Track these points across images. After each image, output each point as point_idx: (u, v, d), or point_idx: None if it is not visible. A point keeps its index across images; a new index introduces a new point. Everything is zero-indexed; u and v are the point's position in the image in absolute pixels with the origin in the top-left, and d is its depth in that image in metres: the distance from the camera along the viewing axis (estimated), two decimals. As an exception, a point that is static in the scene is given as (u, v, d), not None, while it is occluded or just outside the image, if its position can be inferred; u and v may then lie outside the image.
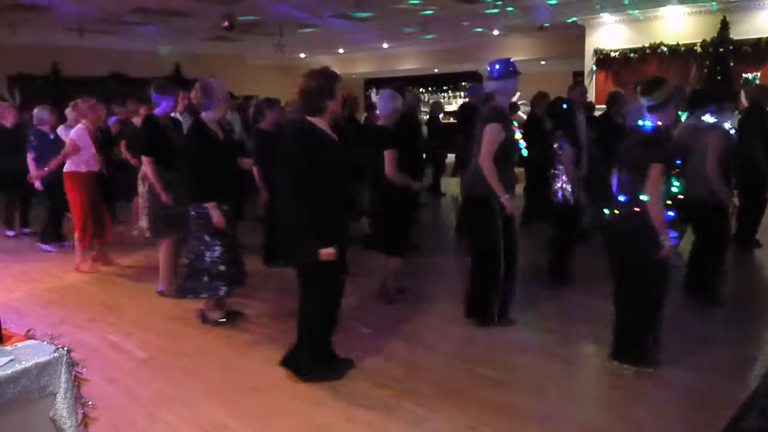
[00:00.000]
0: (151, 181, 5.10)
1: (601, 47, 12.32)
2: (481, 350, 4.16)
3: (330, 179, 3.45)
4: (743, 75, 10.45)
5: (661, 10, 11.44)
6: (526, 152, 4.65)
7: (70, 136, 6.19)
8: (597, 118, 7.34)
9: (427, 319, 4.78)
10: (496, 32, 14.29)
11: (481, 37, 14.75)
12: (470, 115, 6.85)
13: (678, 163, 3.75)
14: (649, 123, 3.63)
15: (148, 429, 3.22)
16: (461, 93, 18.17)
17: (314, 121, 3.49)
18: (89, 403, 2.22)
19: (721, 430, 3.02)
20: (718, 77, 10.05)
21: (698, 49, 10.94)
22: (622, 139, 3.87)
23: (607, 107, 6.89)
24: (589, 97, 9.42)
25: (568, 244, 5.55)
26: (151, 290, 5.47)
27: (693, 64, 11.05)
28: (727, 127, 4.87)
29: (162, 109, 5.28)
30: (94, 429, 2.30)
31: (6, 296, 5.48)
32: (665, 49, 11.43)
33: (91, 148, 6.15)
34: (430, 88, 19.29)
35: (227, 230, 4.44)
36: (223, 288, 4.48)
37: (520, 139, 4.52)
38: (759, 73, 10.42)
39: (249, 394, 3.57)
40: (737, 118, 6.15)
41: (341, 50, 17.63)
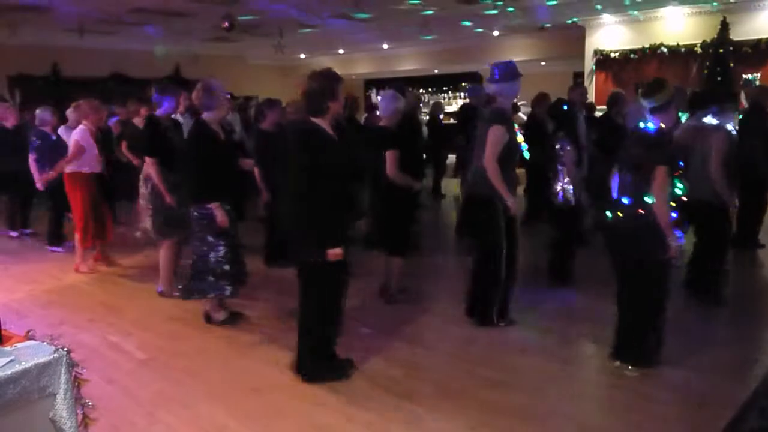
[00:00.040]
0: (155, 182, 5.10)
1: (601, 48, 12.32)
2: (481, 350, 4.16)
3: (332, 179, 3.46)
4: (743, 76, 10.46)
5: (661, 11, 11.44)
6: (528, 154, 4.65)
7: (73, 138, 6.18)
8: (597, 118, 7.35)
9: (427, 320, 4.78)
10: (496, 33, 14.29)
11: (481, 37, 14.74)
12: (471, 116, 6.87)
13: (681, 164, 3.75)
14: (651, 125, 3.62)
15: (148, 429, 3.22)
16: (461, 94, 18.17)
17: (317, 121, 3.51)
18: (89, 403, 2.22)
19: (721, 430, 3.02)
20: (718, 78, 10.07)
21: (698, 49, 10.95)
22: (623, 140, 3.87)
23: (608, 108, 6.89)
24: (589, 98, 9.43)
25: (568, 244, 5.56)
26: (151, 291, 5.47)
27: (693, 64, 11.07)
28: (729, 128, 4.87)
29: (164, 110, 5.29)
30: (93, 429, 2.30)
31: (6, 297, 5.47)
32: (665, 49, 11.44)
33: (94, 149, 6.16)
34: (430, 89, 19.29)
35: (230, 230, 4.45)
36: (228, 288, 4.49)
37: (522, 142, 4.52)
38: (759, 74, 10.43)
39: (249, 394, 3.57)
40: (737, 119, 6.16)
41: (341, 51, 17.63)
